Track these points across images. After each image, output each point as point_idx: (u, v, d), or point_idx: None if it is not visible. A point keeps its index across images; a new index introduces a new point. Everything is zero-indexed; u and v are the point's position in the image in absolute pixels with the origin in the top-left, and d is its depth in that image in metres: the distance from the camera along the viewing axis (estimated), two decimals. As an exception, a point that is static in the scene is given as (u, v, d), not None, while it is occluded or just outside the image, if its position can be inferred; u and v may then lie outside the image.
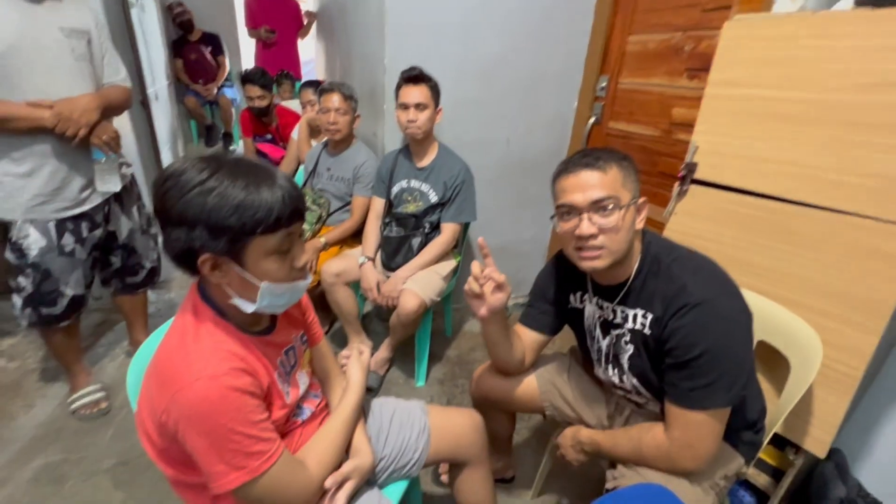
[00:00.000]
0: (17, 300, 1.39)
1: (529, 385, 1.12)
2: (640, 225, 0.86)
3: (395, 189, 1.74)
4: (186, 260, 0.63)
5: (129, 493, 1.30)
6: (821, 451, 1.08)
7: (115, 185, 1.42)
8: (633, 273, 0.88)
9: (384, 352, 1.82)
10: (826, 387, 1.04)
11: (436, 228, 1.73)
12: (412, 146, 1.72)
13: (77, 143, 1.29)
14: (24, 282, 1.36)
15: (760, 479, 1.24)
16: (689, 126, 1.36)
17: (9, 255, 1.34)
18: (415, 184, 1.71)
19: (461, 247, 1.88)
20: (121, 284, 1.63)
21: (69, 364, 1.58)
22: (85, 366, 1.64)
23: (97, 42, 1.38)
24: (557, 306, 1.06)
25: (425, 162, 1.70)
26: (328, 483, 0.73)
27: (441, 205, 1.69)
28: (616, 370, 0.96)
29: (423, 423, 0.98)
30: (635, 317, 0.88)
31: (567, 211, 0.84)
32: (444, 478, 1.35)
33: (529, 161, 2.21)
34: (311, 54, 4.31)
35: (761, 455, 1.24)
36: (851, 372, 1.00)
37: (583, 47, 2.05)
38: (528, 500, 1.36)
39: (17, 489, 1.29)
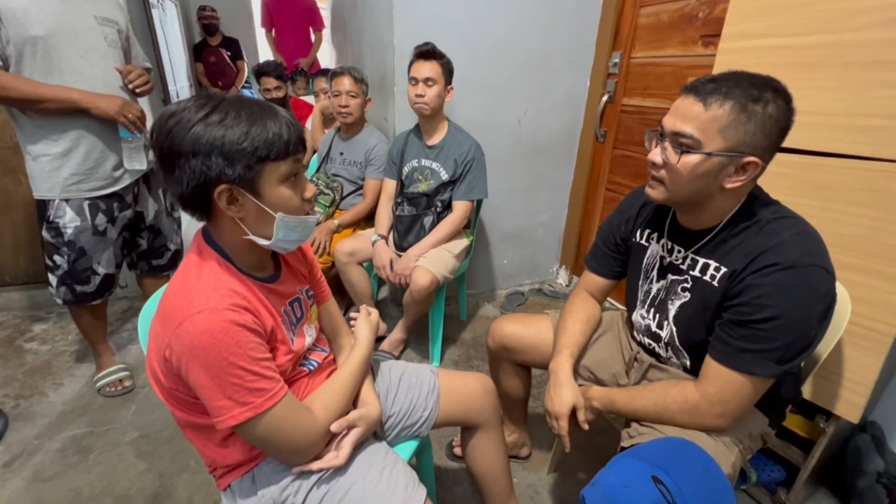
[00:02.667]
0: (53, 278, 1.45)
1: (546, 332, 1.10)
2: (729, 185, 0.74)
3: (406, 168, 1.75)
4: (200, 195, 0.63)
5: (150, 464, 1.33)
6: (854, 416, 1.02)
7: (141, 164, 1.48)
8: (724, 223, 0.80)
9: (398, 333, 1.82)
10: (857, 346, 0.99)
11: (447, 207, 1.73)
12: (422, 125, 1.72)
13: (104, 122, 1.36)
14: (60, 260, 1.42)
15: (790, 452, 1.18)
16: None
17: (45, 235, 1.41)
18: (425, 162, 1.71)
19: (473, 226, 1.87)
20: (147, 267, 1.68)
21: (95, 343, 1.64)
22: (110, 346, 1.70)
23: (125, 31, 1.48)
24: (625, 245, 1.01)
25: (435, 140, 1.70)
26: (334, 427, 0.73)
27: (452, 182, 1.69)
28: (658, 316, 0.91)
29: (432, 383, 0.97)
30: (705, 267, 0.82)
31: (661, 132, 0.77)
32: (458, 450, 1.34)
33: (542, 143, 2.19)
34: (324, 56, 4.42)
35: (790, 426, 1.19)
36: (885, 329, 0.95)
37: (594, 23, 2.02)
38: (543, 474, 1.33)
39: (46, 458, 1.34)
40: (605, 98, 2.04)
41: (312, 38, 4.07)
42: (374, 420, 0.80)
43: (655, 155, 0.78)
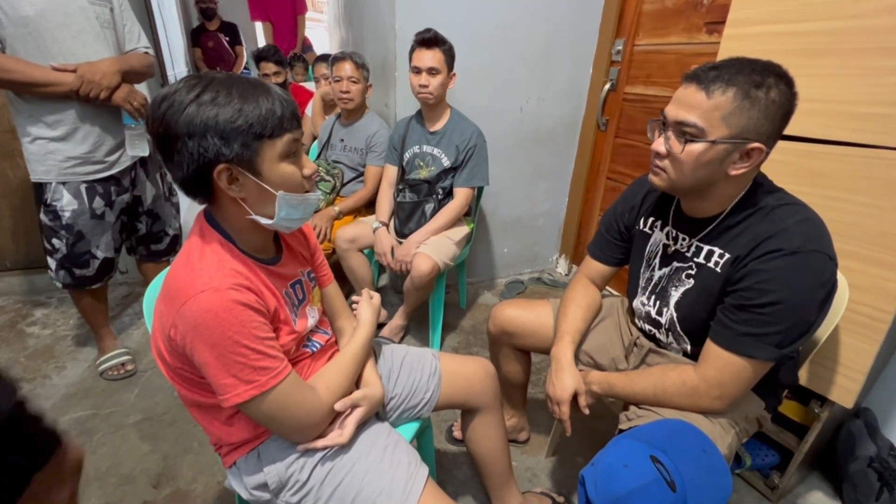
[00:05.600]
0: (52, 262, 1.45)
1: (546, 317, 1.11)
2: (734, 172, 0.74)
3: (407, 155, 1.74)
4: (201, 177, 0.63)
5: (154, 446, 1.35)
6: (848, 402, 1.04)
7: (143, 150, 1.48)
8: (728, 210, 0.80)
9: (399, 319, 1.84)
10: (853, 333, 1.00)
11: (449, 194, 1.73)
12: (424, 111, 1.71)
13: (100, 106, 1.35)
14: (59, 243, 1.42)
15: (784, 436, 1.20)
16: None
17: (43, 218, 1.41)
18: (427, 149, 1.71)
19: (474, 214, 1.87)
20: (146, 252, 1.68)
21: (97, 327, 1.65)
22: (112, 331, 1.71)
23: (118, 11, 1.44)
24: (628, 232, 1.02)
25: (437, 126, 1.70)
26: (338, 406, 0.74)
27: (454, 169, 1.69)
28: (658, 302, 0.92)
29: (434, 366, 0.98)
30: (710, 254, 0.82)
31: (661, 120, 0.78)
32: (458, 433, 1.36)
33: (544, 131, 2.18)
34: (324, 47, 4.41)
35: (785, 412, 1.21)
36: (880, 316, 0.96)
37: (597, 10, 2.00)
38: (541, 458, 1.36)
39: (50, 439, 1.36)
40: (607, 86, 2.03)
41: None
42: (377, 400, 0.81)
43: (659, 145, 0.78)
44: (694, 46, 1.67)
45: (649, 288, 0.95)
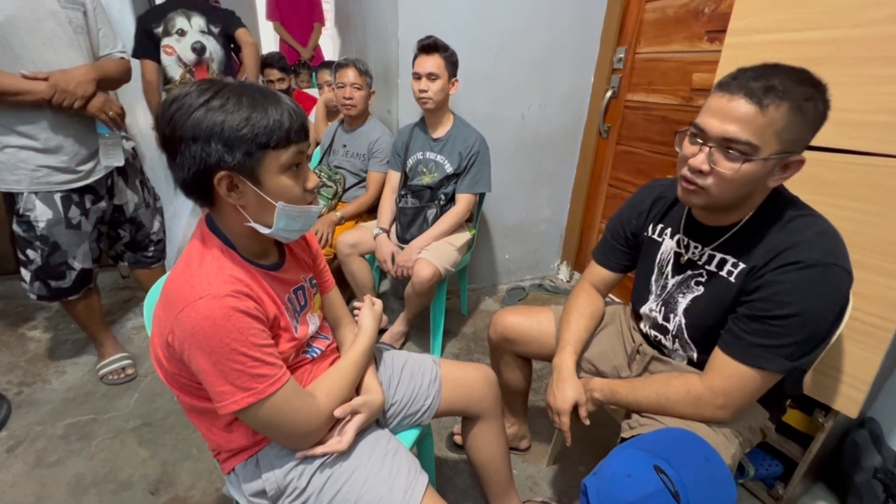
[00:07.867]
0: (27, 273, 1.39)
1: (547, 324, 1.11)
2: (773, 183, 0.73)
3: (410, 161, 1.75)
4: (201, 181, 0.63)
5: (152, 451, 1.34)
6: (852, 412, 1.03)
7: (118, 160, 1.43)
8: (745, 220, 0.79)
9: (400, 325, 1.83)
10: (856, 341, 0.99)
11: (451, 200, 1.73)
12: (427, 118, 1.72)
13: (74, 115, 1.31)
14: (33, 255, 1.37)
15: (787, 446, 1.19)
16: (709, 90, 1.32)
17: (16, 228, 1.35)
18: (430, 155, 1.71)
19: (476, 220, 1.87)
20: (134, 259, 1.67)
21: (95, 333, 1.64)
22: (111, 335, 1.70)
23: (92, 14, 1.38)
24: (635, 239, 1.01)
25: (440, 133, 1.70)
26: (338, 412, 0.74)
27: (456, 175, 1.69)
28: (664, 309, 0.92)
29: (434, 372, 0.97)
30: (722, 262, 0.81)
31: (696, 133, 0.73)
32: (458, 438, 1.35)
33: (545, 138, 2.19)
34: (327, 54, 4.41)
35: (789, 422, 1.19)
36: (884, 325, 0.95)
37: (599, 18, 2.02)
38: (542, 466, 1.34)
39: (49, 443, 1.35)
40: (608, 93, 2.04)
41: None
42: (377, 407, 0.81)
43: (701, 162, 0.72)
44: (695, 55, 1.68)
45: (660, 294, 0.94)
